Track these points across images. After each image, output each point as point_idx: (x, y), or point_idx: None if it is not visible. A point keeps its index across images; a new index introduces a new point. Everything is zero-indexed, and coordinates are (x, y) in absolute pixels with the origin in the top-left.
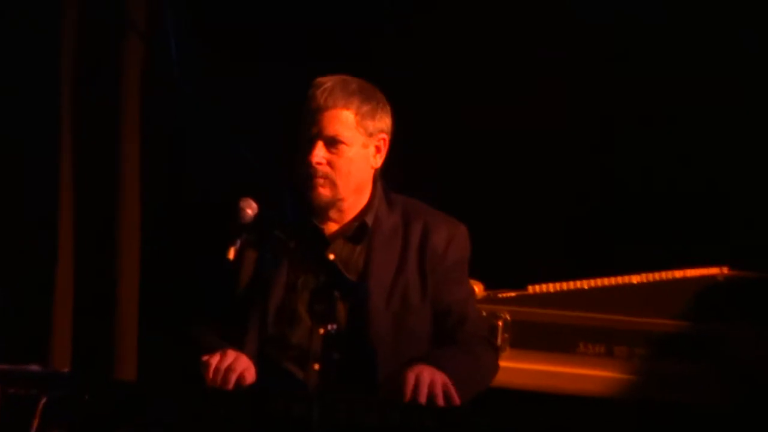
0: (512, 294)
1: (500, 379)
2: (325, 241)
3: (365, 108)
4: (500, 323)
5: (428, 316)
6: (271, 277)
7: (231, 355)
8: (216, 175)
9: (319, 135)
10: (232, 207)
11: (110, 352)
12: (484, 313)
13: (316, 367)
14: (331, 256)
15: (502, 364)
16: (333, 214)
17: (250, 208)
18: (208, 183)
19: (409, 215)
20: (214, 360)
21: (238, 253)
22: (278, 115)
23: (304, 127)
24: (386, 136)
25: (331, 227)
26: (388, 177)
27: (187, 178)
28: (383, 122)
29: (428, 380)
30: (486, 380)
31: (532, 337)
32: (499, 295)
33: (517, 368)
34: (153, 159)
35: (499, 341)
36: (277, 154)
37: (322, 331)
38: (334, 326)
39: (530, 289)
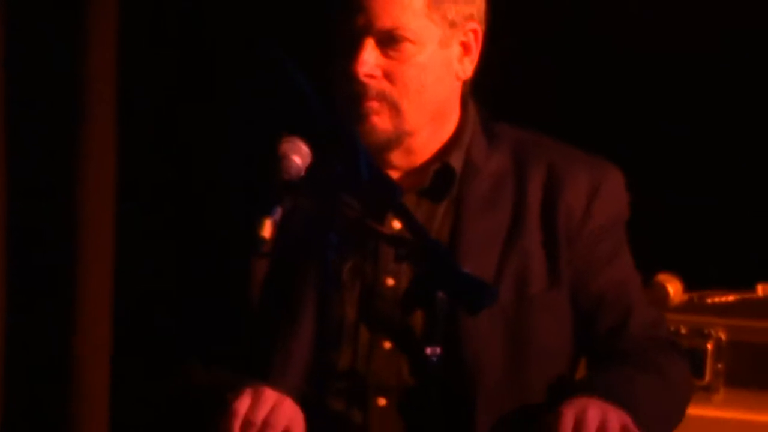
0: (730, 298)
1: None
2: (391, 198)
3: None
4: (709, 345)
5: (565, 315)
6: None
7: (269, 397)
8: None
9: (368, 30)
10: (266, 154)
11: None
12: (684, 329)
13: (382, 402)
14: (396, 224)
15: (713, 414)
16: (397, 157)
17: (299, 155)
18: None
19: (525, 155)
20: (243, 406)
21: (278, 230)
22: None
23: (341, 21)
24: (478, 27)
25: (394, 176)
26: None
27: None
28: (471, 3)
29: (597, 423)
30: (681, 408)
31: (763, 369)
32: (709, 300)
33: (737, 420)
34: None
35: (706, 376)
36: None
37: (387, 344)
38: (437, 350)
39: (760, 289)
